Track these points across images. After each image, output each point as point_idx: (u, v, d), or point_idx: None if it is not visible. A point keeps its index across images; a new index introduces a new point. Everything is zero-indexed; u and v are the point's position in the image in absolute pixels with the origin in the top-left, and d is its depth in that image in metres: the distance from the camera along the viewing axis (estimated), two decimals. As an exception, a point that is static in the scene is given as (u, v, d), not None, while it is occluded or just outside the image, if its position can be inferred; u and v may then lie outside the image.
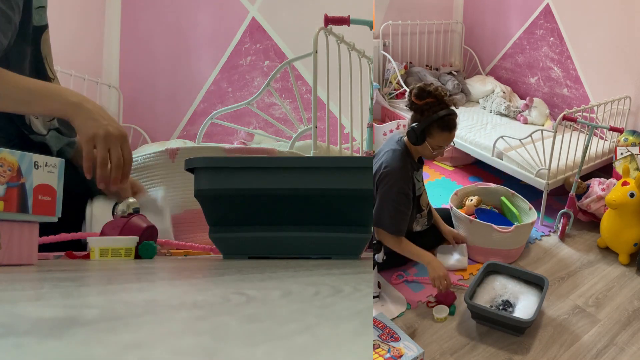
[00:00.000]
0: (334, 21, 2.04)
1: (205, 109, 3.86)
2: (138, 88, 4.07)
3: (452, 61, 3.93)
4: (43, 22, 1.27)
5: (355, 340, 0.28)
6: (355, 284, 0.57)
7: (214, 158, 1.11)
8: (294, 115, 2.83)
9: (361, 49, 2.35)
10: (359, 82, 2.39)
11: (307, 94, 3.44)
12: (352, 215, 1.09)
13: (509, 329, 1.82)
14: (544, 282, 1.92)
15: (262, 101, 3.60)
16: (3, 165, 0.82)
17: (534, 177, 2.55)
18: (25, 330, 0.28)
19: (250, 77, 3.80)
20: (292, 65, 2.35)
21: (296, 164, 1.08)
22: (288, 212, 1.09)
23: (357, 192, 1.07)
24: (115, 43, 4.11)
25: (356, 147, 2.71)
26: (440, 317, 1.80)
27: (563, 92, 3.30)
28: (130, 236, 1.10)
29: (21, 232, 0.86)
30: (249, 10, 3.77)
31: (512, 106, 3.32)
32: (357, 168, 1.08)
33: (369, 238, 1.13)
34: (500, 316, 1.80)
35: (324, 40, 2.10)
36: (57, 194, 0.91)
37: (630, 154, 2.63)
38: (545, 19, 3.34)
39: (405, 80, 3.39)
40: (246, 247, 1.10)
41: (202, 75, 3.92)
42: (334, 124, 2.63)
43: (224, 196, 1.08)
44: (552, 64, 3.34)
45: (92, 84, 3.82)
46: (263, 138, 3.28)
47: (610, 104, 2.82)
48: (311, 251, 1.10)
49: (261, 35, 3.75)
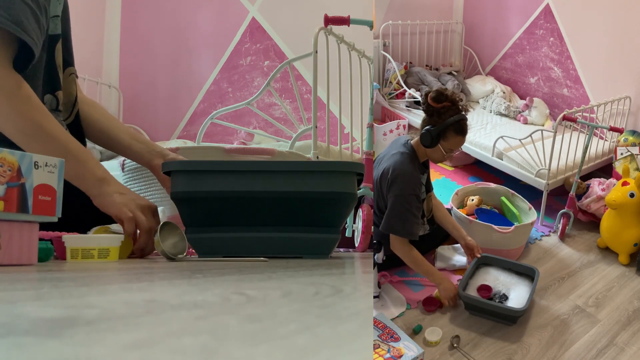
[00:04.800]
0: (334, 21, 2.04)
1: (205, 109, 3.86)
2: (138, 88, 4.07)
3: (452, 61, 3.93)
4: (57, 31, 1.27)
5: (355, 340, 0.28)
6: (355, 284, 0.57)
7: (189, 162, 1.17)
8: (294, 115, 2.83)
9: (361, 49, 2.35)
10: (359, 82, 2.39)
11: (307, 94, 3.44)
12: (322, 216, 1.14)
13: (501, 318, 1.86)
14: (535, 272, 1.96)
15: (262, 101, 3.60)
16: (3, 165, 0.82)
17: (534, 177, 2.55)
18: (25, 330, 0.28)
19: (250, 77, 3.80)
20: (292, 65, 2.34)
21: (268, 167, 1.13)
22: (261, 213, 1.13)
23: (327, 194, 1.12)
24: (115, 43, 4.11)
25: (356, 147, 2.71)
26: (432, 341, 1.78)
27: (563, 92, 3.30)
28: (107, 235, 1.09)
29: (21, 232, 0.86)
30: (249, 10, 3.77)
31: (512, 106, 3.32)
32: (327, 172, 1.13)
33: (338, 238, 1.17)
34: (493, 306, 1.84)
35: (324, 40, 2.10)
36: (57, 194, 0.91)
37: (630, 154, 2.63)
38: (545, 19, 3.34)
39: (405, 80, 3.39)
40: (220, 247, 1.14)
41: (202, 75, 3.92)
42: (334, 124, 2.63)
43: (198, 198, 1.12)
44: (552, 64, 3.34)
45: (92, 84, 3.82)
46: (263, 138, 3.28)
47: (610, 104, 2.82)
48: (283, 251, 1.14)
49: (261, 35, 3.76)
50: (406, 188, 1.86)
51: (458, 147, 1.93)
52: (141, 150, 1.35)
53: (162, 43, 4.01)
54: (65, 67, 1.34)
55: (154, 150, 1.35)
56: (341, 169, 1.14)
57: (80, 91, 1.41)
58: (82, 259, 0.98)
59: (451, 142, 1.88)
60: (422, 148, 1.92)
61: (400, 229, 1.88)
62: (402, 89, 3.33)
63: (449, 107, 1.84)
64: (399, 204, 1.86)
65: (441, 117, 1.85)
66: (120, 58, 4.12)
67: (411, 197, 1.87)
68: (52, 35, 1.26)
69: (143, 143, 1.37)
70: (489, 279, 2.00)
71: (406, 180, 1.86)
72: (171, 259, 1.05)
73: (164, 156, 1.33)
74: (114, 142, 1.39)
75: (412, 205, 1.88)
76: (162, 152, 1.35)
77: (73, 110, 1.37)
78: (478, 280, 2.00)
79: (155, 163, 1.32)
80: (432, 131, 1.85)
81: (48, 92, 1.29)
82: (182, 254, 1.07)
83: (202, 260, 1.05)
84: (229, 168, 1.13)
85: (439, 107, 1.84)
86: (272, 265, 0.89)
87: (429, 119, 1.88)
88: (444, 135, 1.86)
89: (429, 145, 1.87)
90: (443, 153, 1.91)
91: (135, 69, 4.09)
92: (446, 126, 1.84)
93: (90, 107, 1.43)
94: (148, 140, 1.44)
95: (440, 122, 1.85)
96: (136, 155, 1.36)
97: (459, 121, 1.85)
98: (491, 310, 1.86)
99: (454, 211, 2.28)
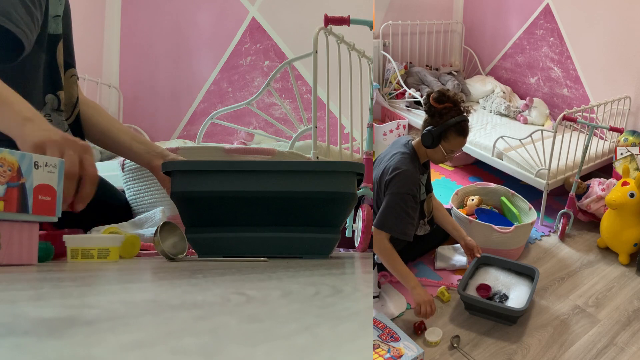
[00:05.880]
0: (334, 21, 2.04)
1: (205, 109, 3.86)
2: (138, 88, 4.08)
3: (452, 61, 3.93)
4: (59, 31, 1.27)
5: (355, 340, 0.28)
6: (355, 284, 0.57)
7: (189, 162, 1.16)
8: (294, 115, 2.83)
9: (361, 49, 2.35)
10: (359, 82, 2.39)
11: (307, 94, 3.44)
12: (322, 216, 1.14)
13: (501, 318, 1.86)
14: (535, 272, 1.96)
15: (262, 101, 3.60)
16: (3, 165, 0.82)
17: (534, 177, 2.55)
18: (25, 330, 0.28)
19: (250, 77, 3.80)
20: (292, 65, 2.34)
21: (269, 167, 1.12)
22: (261, 213, 1.13)
23: (327, 194, 1.11)
24: (115, 43, 4.11)
25: (356, 147, 2.71)
26: (432, 341, 1.78)
27: (563, 92, 3.30)
28: (107, 235, 1.09)
29: (21, 232, 0.86)
30: (249, 10, 3.77)
31: (512, 106, 3.32)
32: (327, 172, 1.12)
33: (338, 238, 1.17)
34: (493, 306, 1.84)
35: (324, 40, 2.10)
36: (57, 194, 0.91)
37: (630, 154, 2.63)
38: (545, 19, 3.34)
39: (405, 80, 3.39)
40: (220, 247, 1.14)
41: (202, 75, 3.92)
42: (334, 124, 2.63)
43: (198, 198, 1.12)
44: (552, 64, 3.34)
45: (92, 84, 3.82)
46: (263, 138, 3.28)
47: (610, 104, 2.82)
48: (283, 251, 1.14)
49: (261, 35, 3.76)
50: (404, 187, 1.85)
51: (459, 148, 1.93)
52: (141, 151, 1.35)
53: (162, 43, 4.01)
54: (66, 68, 1.34)
55: (154, 151, 1.34)
56: (341, 169, 1.14)
57: (81, 93, 1.41)
58: (82, 259, 0.98)
59: (452, 143, 1.88)
60: (422, 148, 1.92)
61: (393, 227, 1.84)
62: (402, 89, 3.33)
63: (451, 108, 1.84)
64: (394, 202, 1.84)
65: (443, 118, 1.85)
66: (120, 58, 4.12)
67: (408, 197, 1.86)
68: (53, 35, 1.26)
69: (143, 144, 1.37)
70: (489, 279, 2.01)
71: (405, 179, 1.85)
72: (171, 259, 1.05)
73: (164, 157, 1.33)
74: (114, 143, 1.39)
75: (407, 204, 1.86)
76: (162, 152, 1.35)
77: (74, 111, 1.37)
78: (478, 280, 2.00)
79: (155, 164, 1.32)
80: (433, 132, 1.85)
81: (49, 91, 1.29)
82: (182, 254, 1.07)
83: (202, 260, 1.05)
84: (229, 168, 1.12)
85: (440, 107, 1.84)
86: (272, 265, 0.89)
87: (430, 119, 1.88)
88: (445, 136, 1.86)
89: (430, 145, 1.87)
90: (444, 154, 1.91)
91: (135, 69, 4.09)
92: (447, 127, 1.84)
93: (91, 108, 1.43)
94: (148, 140, 1.43)
95: (441, 123, 1.85)
96: (136, 156, 1.36)
97: (460, 122, 1.85)
98: (491, 310, 1.86)
99: (454, 211, 2.28)
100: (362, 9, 2.98)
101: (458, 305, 1.95)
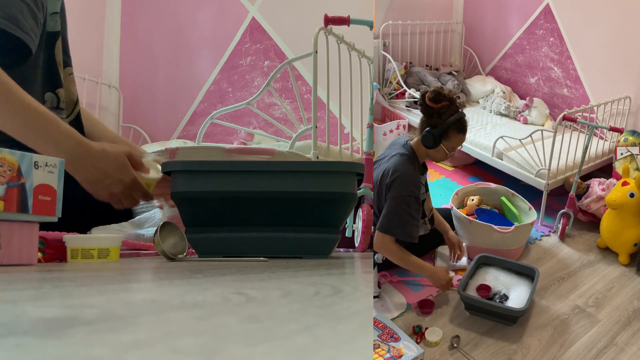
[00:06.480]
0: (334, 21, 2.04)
1: (205, 109, 3.86)
2: (138, 88, 4.08)
3: (452, 61, 3.93)
4: (57, 28, 1.26)
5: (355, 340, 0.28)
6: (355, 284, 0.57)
7: (189, 162, 1.16)
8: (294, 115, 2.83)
9: (361, 49, 2.35)
10: (359, 82, 2.39)
11: (307, 94, 3.44)
12: (322, 216, 1.14)
13: (502, 318, 1.86)
14: (535, 272, 1.96)
15: (262, 101, 3.60)
16: (3, 165, 0.82)
17: (534, 177, 2.55)
18: (25, 330, 0.28)
19: (250, 77, 3.80)
20: (292, 65, 2.34)
21: (268, 167, 1.12)
22: (261, 213, 1.13)
23: (327, 194, 1.12)
24: (115, 43, 4.11)
25: (356, 147, 2.71)
26: (432, 341, 1.78)
27: (563, 92, 3.30)
28: (107, 235, 1.09)
29: (21, 232, 0.86)
30: (249, 10, 3.77)
31: (512, 106, 3.32)
32: (327, 172, 1.12)
33: (338, 238, 1.17)
34: (493, 306, 1.84)
35: (324, 40, 2.10)
36: (57, 194, 0.91)
37: (630, 154, 2.63)
38: (545, 19, 3.34)
39: (405, 80, 3.39)
40: (220, 246, 1.14)
41: (202, 75, 3.92)
42: (334, 124, 2.63)
43: (198, 198, 1.12)
44: (552, 64, 3.34)
45: (92, 84, 3.82)
46: (263, 138, 3.28)
47: (610, 104, 2.82)
48: (283, 251, 1.14)
49: (261, 35, 3.76)
50: (405, 189, 1.85)
51: (460, 145, 1.94)
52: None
53: (162, 43, 4.01)
54: (64, 66, 1.34)
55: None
56: (341, 169, 1.14)
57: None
58: (82, 259, 0.98)
59: (453, 141, 1.88)
60: (422, 148, 1.91)
61: (399, 231, 1.85)
62: (402, 89, 3.33)
63: (448, 106, 1.84)
64: (398, 206, 1.84)
65: (441, 117, 1.85)
66: (120, 58, 4.12)
67: (410, 199, 1.86)
68: (52, 32, 1.26)
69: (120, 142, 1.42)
70: (489, 279, 2.01)
71: (406, 181, 1.85)
72: (171, 259, 1.05)
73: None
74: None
75: (411, 207, 1.86)
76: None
77: (74, 110, 1.37)
78: (478, 280, 2.00)
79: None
80: (434, 132, 1.85)
81: (48, 90, 1.28)
82: (182, 254, 1.07)
83: (202, 260, 1.05)
84: (229, 168, 1.13)
85: (438, 107, 1.83)
86: (272, 265, 0.89)
87: (428, 119, 1.87)
88: (446, 135, 1.86)
89: (431, 146, 1.87)
90: (446, 152, 1.91)
91: (135, 69, 4.09)
92: (448, 126, 1.84)
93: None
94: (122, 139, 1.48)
95: (440, 122, 1.84)
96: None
97: (459, 119, 1.85)
98: (491, 310, 1.86)
99: (454, 211, 2.28)
100: (362, 9, 2.98)
101: (458, 305, 1.95)
